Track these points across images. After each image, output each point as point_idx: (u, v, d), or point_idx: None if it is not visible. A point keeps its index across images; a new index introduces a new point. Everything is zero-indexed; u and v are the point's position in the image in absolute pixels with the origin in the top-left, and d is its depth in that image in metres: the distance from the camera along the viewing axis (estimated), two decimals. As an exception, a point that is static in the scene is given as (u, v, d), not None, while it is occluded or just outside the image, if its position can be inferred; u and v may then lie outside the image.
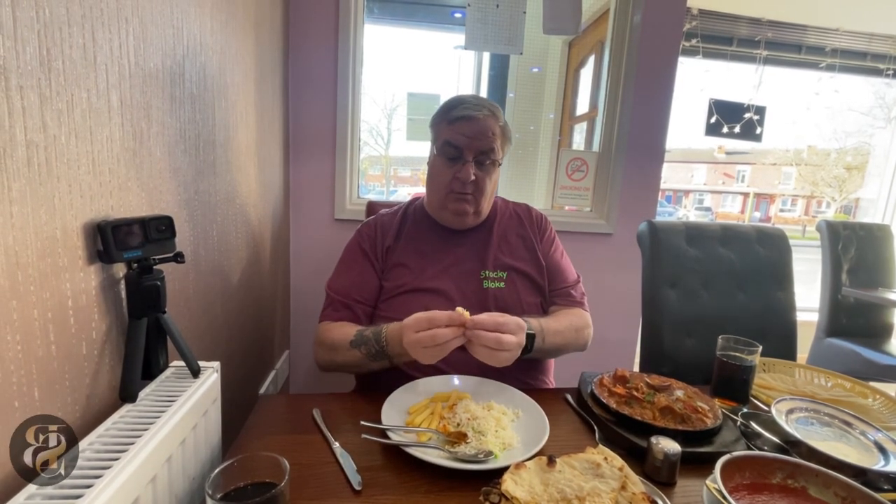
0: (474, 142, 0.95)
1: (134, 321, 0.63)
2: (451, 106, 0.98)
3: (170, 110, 0.79)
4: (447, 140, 0.96)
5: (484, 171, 0.97)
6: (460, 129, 0.95)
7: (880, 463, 0.66)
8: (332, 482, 0.59)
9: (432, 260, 0.99)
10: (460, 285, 0.97)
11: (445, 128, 0.97)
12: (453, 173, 0.96)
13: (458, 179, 0.96)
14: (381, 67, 2.04)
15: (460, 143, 0.95)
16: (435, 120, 1.02)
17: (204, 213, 0.94)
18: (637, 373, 0.86)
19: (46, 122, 0.50)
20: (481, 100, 1.00)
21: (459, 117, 0.95)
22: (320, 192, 1.78)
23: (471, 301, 0.95)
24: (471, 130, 0.95)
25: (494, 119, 0.97)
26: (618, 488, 0.54)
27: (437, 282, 0.96)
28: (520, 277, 1.00)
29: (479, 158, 0.96)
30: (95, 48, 0.58)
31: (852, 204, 9.44)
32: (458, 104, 0.97)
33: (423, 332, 0.72)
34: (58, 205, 0.52)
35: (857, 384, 0.94)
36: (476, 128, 0.95)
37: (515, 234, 1.06)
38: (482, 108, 0.97)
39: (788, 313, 1.30)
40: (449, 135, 0.96)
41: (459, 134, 0.95)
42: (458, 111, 0.96)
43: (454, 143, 0.96)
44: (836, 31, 2.66)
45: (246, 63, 1.18)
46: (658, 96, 1.87)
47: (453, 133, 0.96)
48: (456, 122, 0.96)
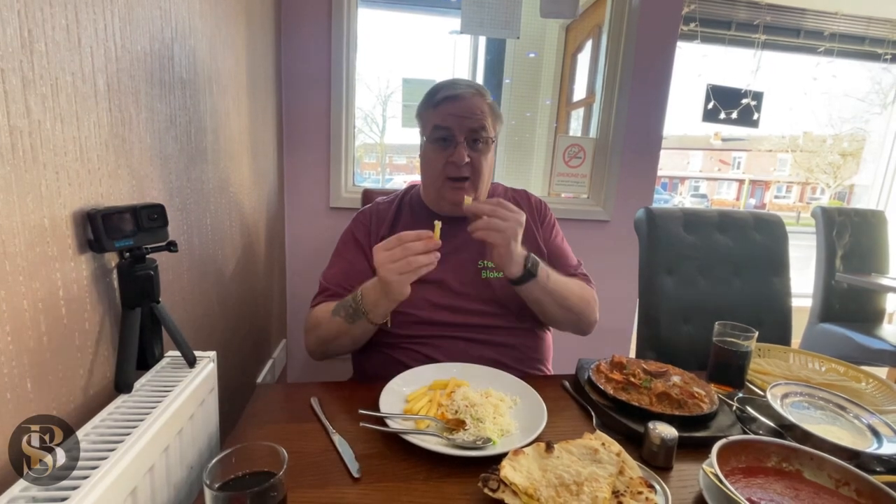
0: (464, 121, 0.92)
1: (127, 311, 0.62)
2: (434, 91, 0.96)
3: (159, 95, 0.77)
4: (436, 124, 0.94)
5: (478, 152, 0.94)
6: (447, 109, 0.93)
7: (873, 445, 0.67)
8: (330, 470, 0.59)
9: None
10: (459, 275, 0.96)
11: (432, 112, 0.95)
12: (446, 158, 0.93)
13: (452, 164, 0.93)
14: (375, 53, 2.01)
15: (449, 124, 0.92)
16: (421, 108, 0.99)
17: (197, 201, 0.93)
18: (634, 359, 0.87)
19: (30, 107, 0.48)
20: (465, 80, 0.98)
21: (445, 98, 0.93)
22: (315, 181, 1.76)
23: (471, 291, 0.95)
24: (458, 109, 0.92)
25: (481, 97, 0.95)
26: (615, 473, 0.54)
27: (434, 273, 0.95)
28: None
29: (471, 138, 0.93)
30: (79, 29, 0.56)
31: (846, 190, 9.49)
32: (442, 87, 0.95)
33: (394, 248, 0.74)
34: (45, 192, 0.50)
35: (851, 368, 0.94)
36: (463, 106, 0.92)
37: None
38: (468, 87, 0.95)
39: (784, 299, 1.31)
40: (437, 118, 0.94)
41: (447, 114, 0.93)
42: (442, 93, 0.94)
43: (443, 125, 0.93)
44: (835, 14, 2.63)
45: (237, 47, 1.16)
46: (656, 82, 1.85)
47: (441, 115, 0.93)
48: (442, 103, 0.93)
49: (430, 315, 0.92)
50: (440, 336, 0.92)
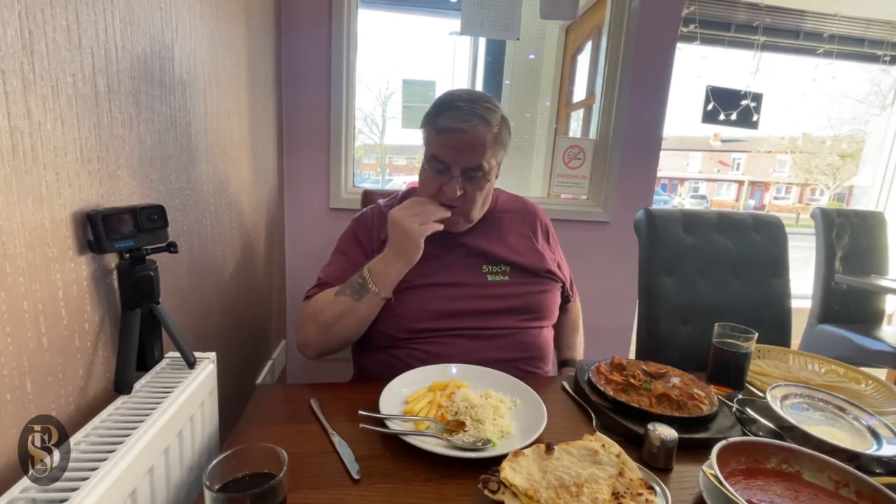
0: (461, 156, 0.89)
1: (127, 312, 0.62)
2: (439, 109, 0.91)
3: (160, 96, 0.77)
4: (433, 154, 0.90)
5: (473, 185, 0.91)
6: (446, 141, 0.89)
7: (873, 447, 0.67)
8: (330, 471, 0.59)
9: (434, 257, 0.96)
10: (463, 277, 0.96)
11: (433, 137, 0.91)
12: (439, 186, 0.91)
13: (443, 193, 0.91)
14: (375, 54, 2.01)
15: (446, 158, 0.89)
16: (424, 121, 0.95)
17: (197, 202, 0.93)
18: (634, 360, 0.87)
19: (31, 108, 0.48)
20: (475, 101, 0.90)
21: (445, 129, 0.88)
22: (315, 181, 1.76)
23: (474, 294, 0.95)
24: (458, 143, 0.88)
25: (486, 126, 0.88)
26: (615, 475, 0.54)
27: (437, 276, 0.95)
28: (523, 271, 0.99)
29: (468, 174, 0.90)
30: (80, 30, 0.56)
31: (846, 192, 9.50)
32: (447, 109, 0.90)
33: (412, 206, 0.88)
34: (45, 193, 0.50)
35: (850, 370, 0.94)
36: (464, 140, 0.88)
37: (516, 228, 1.04)
38: (473, 116, 0.88)
39: (783, 300, 1.31)
40: (435, 148, 0.90)
41: (445, 147, 0.89)
42: (445, 120, 0.88)
43: (440, 158, 0.90)
44: (834, 16, 2.64)
45: (237, 48, 1.16)
46: (656, 83, 1.85)
47: (439, 146, 0.90)
48: (442, 133, 0.89)
49: (432, 316, 0.92)
50: (443, 336, 0.92)
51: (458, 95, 0.92)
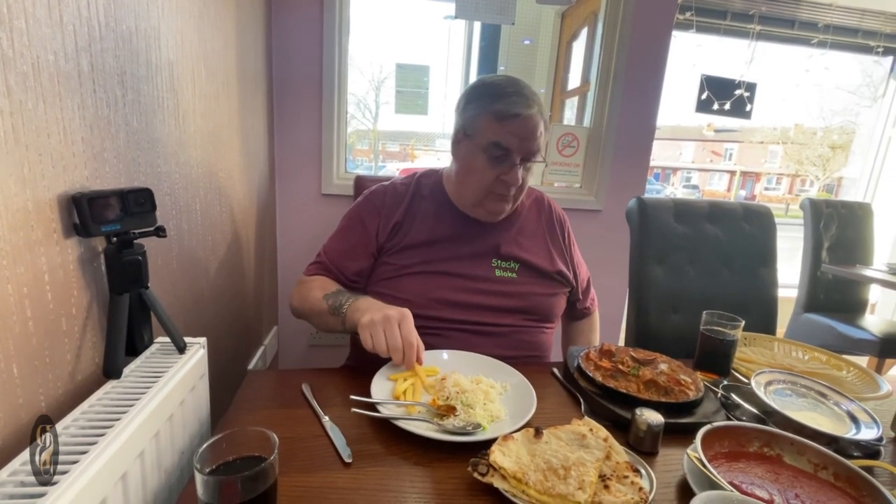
0: (525, 143, 0.88)
1: (115, 297, 0.61)
2: (495, 95, 0.89)
3: (146, 77, 0.75)
4: (495, 141, 0.88)
5: (527, 171, 0.92)
6: (511, 128, 0.87)
7: (852, 431, 0.69)
8: (322, 455, 0.59)
9: (445, 244, 0.96)
10: (473, 271, 0.95)
11: (493, 124, 0.88)
12: (497, 174, 0.90)
13: (502, 182, 0.90)
14: (368, 37, 1.97)
15: (511, 146, 0.88)
16: (474, 109, 0.91)
17: (185, 186, 0.91)
18: (623, 347, 0.88)
19: (11, 86, 0.47)
20: (526, 89, 0.90)
21: (511, 115, 0.87)
22: (307, 166, 1.74)
23: (482, 287, 0.95)
24: (522, 131, 0.87)
25: (541, 114, 0.90)
26: (602, 458, 0.55)
27: (446, 265, 0.94)
28: (532, 270, 0.99)
29: (527, 159, 0.90)
30: (61, 6, 0.54)
31: (835, 183, 9.60)
32: (505, 94, 0.88)
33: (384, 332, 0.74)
34: (28, 175, 0.49)
35: (833, 357, 0.97)
36: (528, 127, 0.87)
37: (533, 226, 1.03)
38: (532, 103, 0.88)
39: (770, 289, 1.33)
40: (497, 134, 0.88)
41: (510, 134, 0.87)
42: (507, 105, 0.87)
43: (504, 145, 0.88)
44: (830, 6, 2.63)
45: (226, 29, 1.13)
46: (651, 71, 1.84)
47: (503, 133, 0.88)
48: (506, 119, 0.87)
49: (440, 307, 0.92)
50: (448, 329, 0.92)
51: (509, 83, 0.91)
